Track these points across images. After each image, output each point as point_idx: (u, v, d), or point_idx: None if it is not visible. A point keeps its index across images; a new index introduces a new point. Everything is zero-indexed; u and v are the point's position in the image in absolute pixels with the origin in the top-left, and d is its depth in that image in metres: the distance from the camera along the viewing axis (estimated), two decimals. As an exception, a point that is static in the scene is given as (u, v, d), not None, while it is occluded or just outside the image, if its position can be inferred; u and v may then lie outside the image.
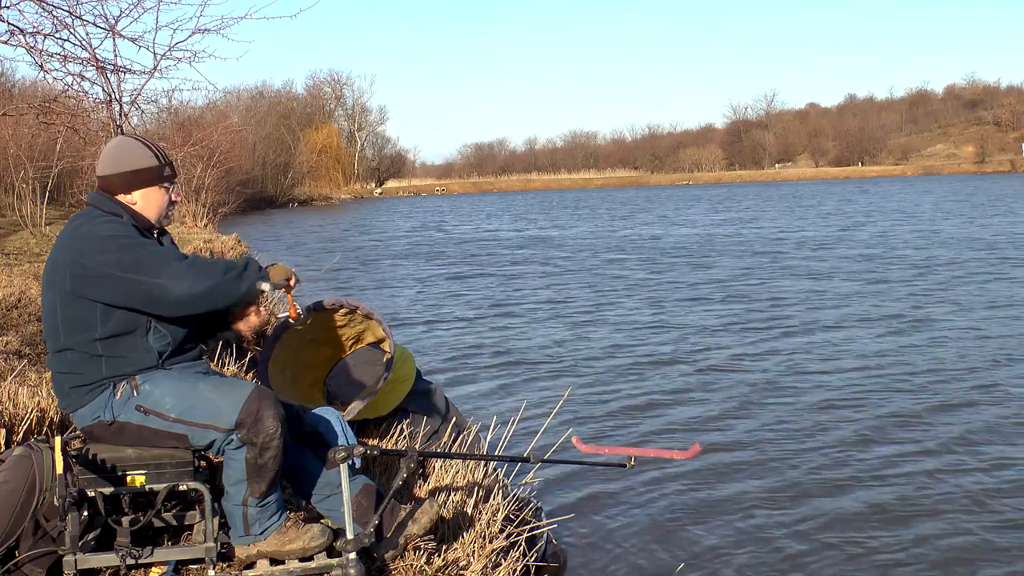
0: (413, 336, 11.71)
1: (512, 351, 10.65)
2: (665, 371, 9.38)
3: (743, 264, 18.90)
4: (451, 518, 3.78)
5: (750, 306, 13.37)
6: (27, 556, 2.98)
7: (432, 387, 5.37)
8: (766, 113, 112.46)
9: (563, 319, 12.65)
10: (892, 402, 7.87)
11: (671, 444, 6.82)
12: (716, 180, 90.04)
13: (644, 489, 5.99)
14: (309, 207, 61.44)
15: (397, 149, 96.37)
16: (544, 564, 4.23)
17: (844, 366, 9.25)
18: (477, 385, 9.09)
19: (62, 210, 20.93)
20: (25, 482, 2.99)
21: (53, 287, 3.02)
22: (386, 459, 4.24)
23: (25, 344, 6.05)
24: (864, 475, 6.16)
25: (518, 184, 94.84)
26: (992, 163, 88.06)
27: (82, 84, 7.25)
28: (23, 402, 3.96)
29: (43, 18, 6.67)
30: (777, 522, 5.45)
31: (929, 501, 5.68)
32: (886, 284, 15.09)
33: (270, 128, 65.33)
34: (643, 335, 11.33)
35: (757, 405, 7.95)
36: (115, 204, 3.10)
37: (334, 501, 3.22)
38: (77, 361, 3.01)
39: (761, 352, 10.08)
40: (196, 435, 3.02)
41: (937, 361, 9.31)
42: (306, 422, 3.36)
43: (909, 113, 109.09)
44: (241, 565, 3.14)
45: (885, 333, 10.91)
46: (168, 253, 3.02)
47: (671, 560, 4.97)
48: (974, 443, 6.71)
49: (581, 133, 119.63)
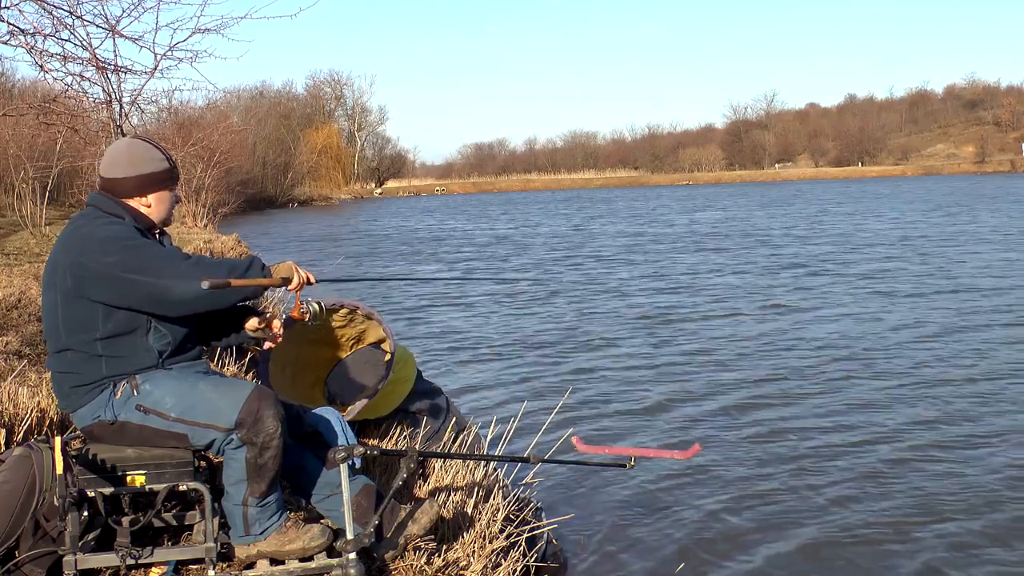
0: (413, 336, 11.71)
1: (512, 351, 10.66)
2: (665, 371, 9.37)
3: (741, 264, 18.90)
4: (451, 518, 3.78)
5: (750, 306, 13.38)
6: (27, 556, 2.98)
7: (433, 387, 5.38)
8: (766, 113, 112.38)
9: (563, 319, 12.64)
10: (894, 402, 7.86)
11: (671, 444, 6.82)
12: (716, 180, 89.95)
13: (644, 489, 5.99)
14: (309, 207, 61.39)
15: (397, 149, 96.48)
16: (544, 564, 4.23)
17: (845, 365, 9.25)
18: (477, 385, 9.09)
19: (62, 210, 20.92)
20: (25, 482, 2.99)
21: (54, 287, 3.02)
22: (386, 459, 4.24)
23: (25, 344, 6.05)
24: (864, 475, 6.16)
25: (518, 184, 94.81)
26: (992, 163, 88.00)
27: (82, 84, 7.26)
28: (23, 402, 3.96)
29: (43, 18, 6.69)
30: (778, 522, 5.45)
31: (930, 501, 5.68)
32: (890, 285, 15.10)
33: (270, 128, 65.28)
34: (643, 335, 11.33)
35: (757, 405, 7.94)
36: (116, 205, 3.10)
37: (334, 501, 3.22)
38: (77, 361, 3.01)
39: (761, 352, 10.08)
40: (196, 435, 3.02)
41: (958, 362, 9.22)
42: (306, 422, 3.36)
43: (909, 113, 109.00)
44: (241, 565, 3.14)
45: (890, 333, 10.92)
46: (172, 254, 3.02)
47: (671, 560, 4.97)
48: (979, 445, 6.71)
49: (581, 133, 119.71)
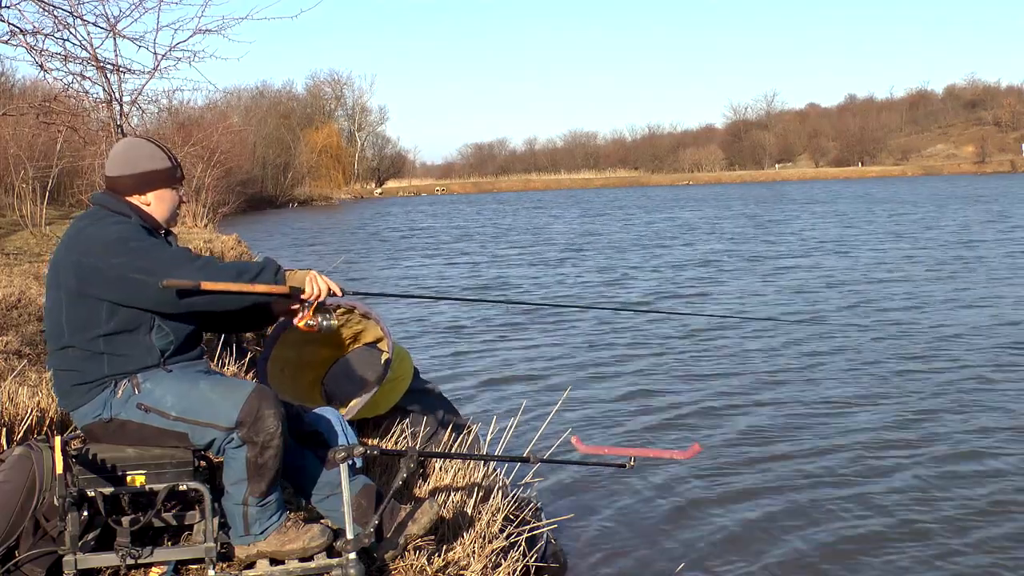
0: (412, 335, 11.71)
1: (512, 351, 10.66)
2: (665, 371, 9.38)
3: (739, 262, 18.91)
4: (451, 518, 3.78)
5: (749, 306, 13.38)
6: (27, 556, 2.98)
7: (430, 386, 5.38)
8: (766, 113, 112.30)
9: (563, 318, 12.63)
10: (895, 401, 7.87)
11: (671, 444, 6.82)
12: (716, 180, 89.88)
13: (644, 489, 5.99)
14: (309, 207, 61.37)
15: (397, 149, 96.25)
16: (544, 564, 4.23)
17: (844, 365, 9.26)
18: (477, 385, 9.09)
19: (62, 210, 20.89)
20: (25, 482, 2.99)
21: (59, 286, 3.01)
22: (386, 459, 4.24)
23: (25, 344, 6.04)
24: (865, 475, 6.16)
25: (518, 184, 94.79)
26: (992, 163, 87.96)
27: (82, 84, 7.29)
28: (23, 402, 3.96)
29: (44, 18, 6.71)
30: (778, 522, 5.45)
31: (930, 502, 5.68)
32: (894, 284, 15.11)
33: (270, 128, 65.26)
34: (643, 335, 11.33)
35: (757, 405, 7.95)
36: (123, 204, 3.09)
37: (334, 501, 3.22)
38: (79, 359, 3.01)
39: (761, 352, 10.08)
40: (196, 434, 3.02)
41: (957, 365, 9.16)
42: (306, 422, 3.36)
43: (909, 113, 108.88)
44: (241, 565, 3.13)
45: (893, 332, 10.92)
46: (179, 254, 3.01)
47: (671, 560, 4.97)
48: (984, 446, 6.71)
49: (581, 133, 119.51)
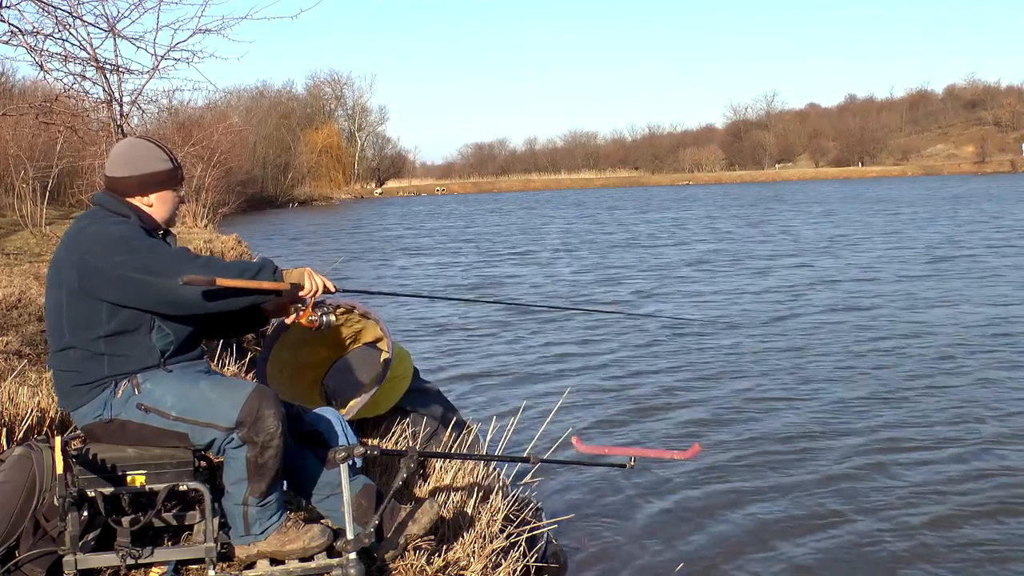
0: (411, 335, 11.71)
1: (512, 351, 10.66)
2: (665, 371, 9.38)
3: (737, 263, 18.91)
4: (451, 518, 3.78)
5: (751, 304, 13.38)
6: (27, 556, 2.98)
7: (430, 386, 5.38)
8: (766, 113, 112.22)
9: (563, 318, 12.64)
10: (897, 401, 7.87)
11: (671, 444, 6.82)
12: (716, 180, 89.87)
13: (644, 489, 5.99)
14: (309, 207, 61.38)
15: (397, 149, 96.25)
16: (544, 564, 4.23)
17: (844, 365, 9.26)
18: (477, 385, 9.09)
19: (62, 210, 20.89)
20: (25, 482, 2.99)
21: (59, 286, 3.01)
22: (386, 459, 4.24)
23: (25, 344, 6.04)
24: (865, 475, 6.16)
25: (518, 184, 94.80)
26: (992, 163, 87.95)
27: (82, 84, 7.28)
28: (23, 402, 3.96)
29: (44, 18, 6.70)
30: (777, 522, 5.45)
31: (931, 502, 5.68)
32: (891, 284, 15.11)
33: (270, 128, 65.25)
34: (643, 334, 11.33)
35: (757, 405, 7.95)
36: (123, 204, 3.09)
37: (334, 501, 3.22)
38: (79, 359, 3.01)
39: (761, 352, 10.08)
40: (196, 434, 3.02)
41: (961, 364, 9.19)
42: (306, 422, 3.36)
43: (909, 113, 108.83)
44: (241, 565, 3.13)
45: (890, 330, 10.92)
46: (180, 254, 3.01)
47: (671, 560, 4.97)
48: (984, 447, 6.71)
49: (581, 133, 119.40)
